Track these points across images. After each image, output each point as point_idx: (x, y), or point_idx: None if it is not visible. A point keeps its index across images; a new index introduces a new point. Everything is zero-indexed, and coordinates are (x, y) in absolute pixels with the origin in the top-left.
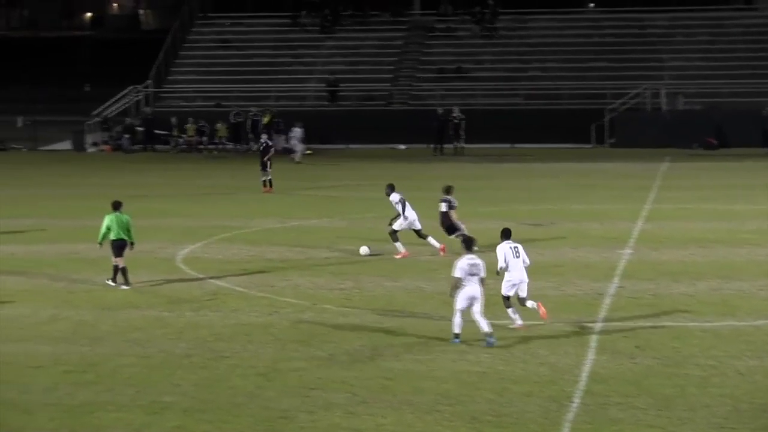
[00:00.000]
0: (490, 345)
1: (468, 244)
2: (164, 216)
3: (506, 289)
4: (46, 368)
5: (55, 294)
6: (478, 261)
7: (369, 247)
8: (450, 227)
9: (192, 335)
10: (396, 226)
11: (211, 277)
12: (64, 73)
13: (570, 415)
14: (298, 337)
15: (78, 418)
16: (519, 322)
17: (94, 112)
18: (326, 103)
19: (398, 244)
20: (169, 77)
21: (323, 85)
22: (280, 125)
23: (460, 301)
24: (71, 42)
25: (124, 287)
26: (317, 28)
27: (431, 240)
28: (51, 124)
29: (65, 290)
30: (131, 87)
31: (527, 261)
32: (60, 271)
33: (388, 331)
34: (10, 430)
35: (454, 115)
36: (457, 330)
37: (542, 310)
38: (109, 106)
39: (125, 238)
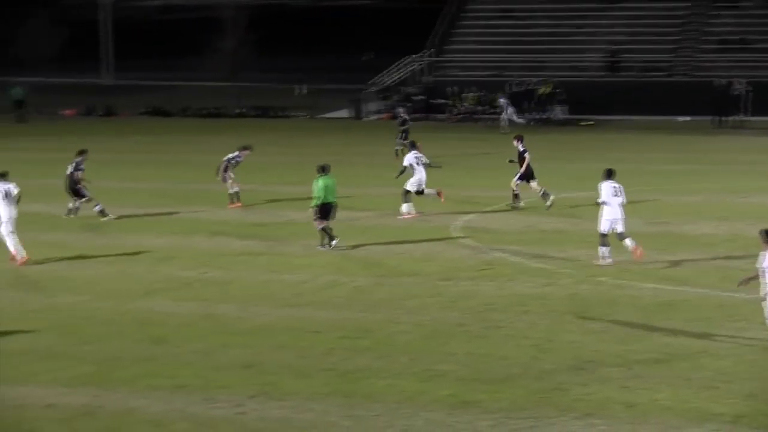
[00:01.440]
0: None
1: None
2: (439, 185)
3: (604, 227)
4: (323, 333)
5: (333, 260)
6: None
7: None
8: None
9: (466, 304)
10: (408, 186)
11: (487, 247)
12: (344, 42)
13: None
14: (574, 309)
15: (352, 383)
16: (609, 260)
17: (373, 81)
18: (606, 73)
19: (405, 206)
20: (448, 46)
21: (604, 55)
22: (561, 95)
23: None
24: (352, 11)
25: (321, 248)
26: None
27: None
28: (331, 92)
29: (342, 257)
30: (410, 56)
31: (625, 200)
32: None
33: (665, 305)
34: (287, 393)
35: (737, 86)
36: None
37: (639, 251)
38: (388, 74)
39: (334, 201)
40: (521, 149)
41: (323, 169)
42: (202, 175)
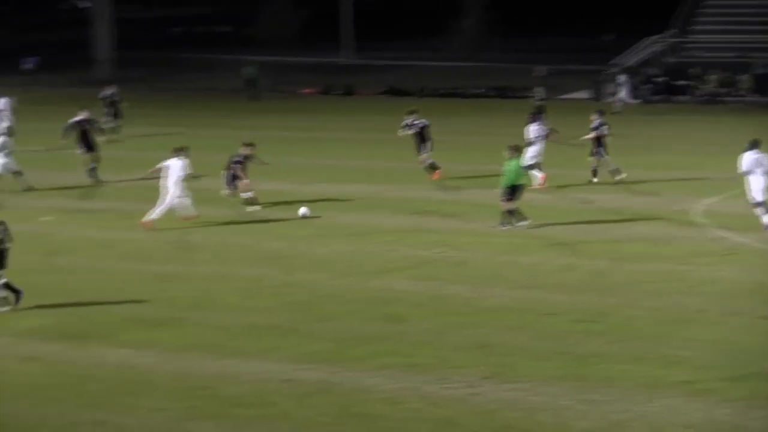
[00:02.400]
0: None
1: None
2: (681, 168)
3: (757, 196)
4: (558, 316)
5: (569, 243)
6: None
7: (308, 209)
8: None
9: (706, 290)
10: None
11: (728, 232)
12: (585, 22)
13: None
14: None
15: (587, 367)
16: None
17: (614, 62)
18: None
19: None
20: (691, 27)
21: None
22: None
23: None
24: None
25: (502, 228)
26: None
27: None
28: (570, 73)
29: (579, 239)
30: (652, 37)
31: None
32: (571, 218)
33: None
34: (520, 375)
35: None
36: None
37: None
38: (630, 55)
39: (522, 183)
40: (597, 123)
41: (517, 150)
42: (436, 156)
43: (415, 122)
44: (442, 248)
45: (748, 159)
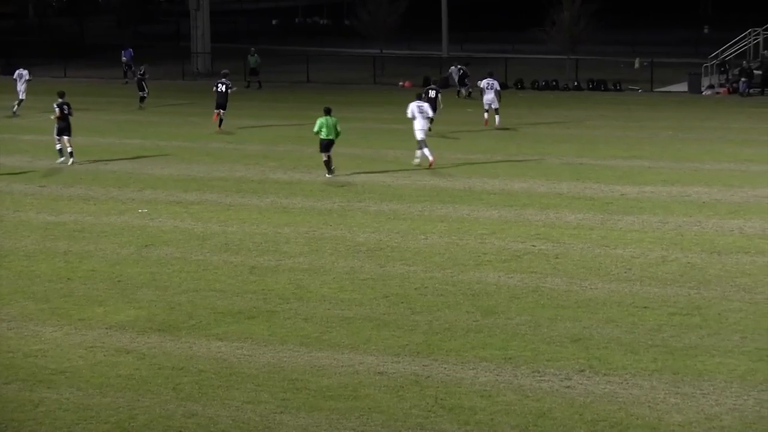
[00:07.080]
0: None
1: None
2: None
3: (418, 135)
4: (653, 309)
5: (665, 236)
6: None
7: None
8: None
9: None
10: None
11: None
12: (683, 16)
13: None
14: None
15: (681, 360)
16: (430, 158)
17: (712, 55)
18: None
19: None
20: None
21: None
22: None
23: None
24: None
25: (328, 176)
26: None
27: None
28: (668, 66)
29: (675, 232)
30: (750, 29)
31: (430, 114)
32: (665, 211)
33: None
34: (614, 368)
35: None
36: None
37: (431, 159)
38: (727, 48)
39: (332, 138)
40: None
41: (326, 111)
42: (535, 148)
43: (220, 83)
44: (538, 241)
45: (411, 107)
